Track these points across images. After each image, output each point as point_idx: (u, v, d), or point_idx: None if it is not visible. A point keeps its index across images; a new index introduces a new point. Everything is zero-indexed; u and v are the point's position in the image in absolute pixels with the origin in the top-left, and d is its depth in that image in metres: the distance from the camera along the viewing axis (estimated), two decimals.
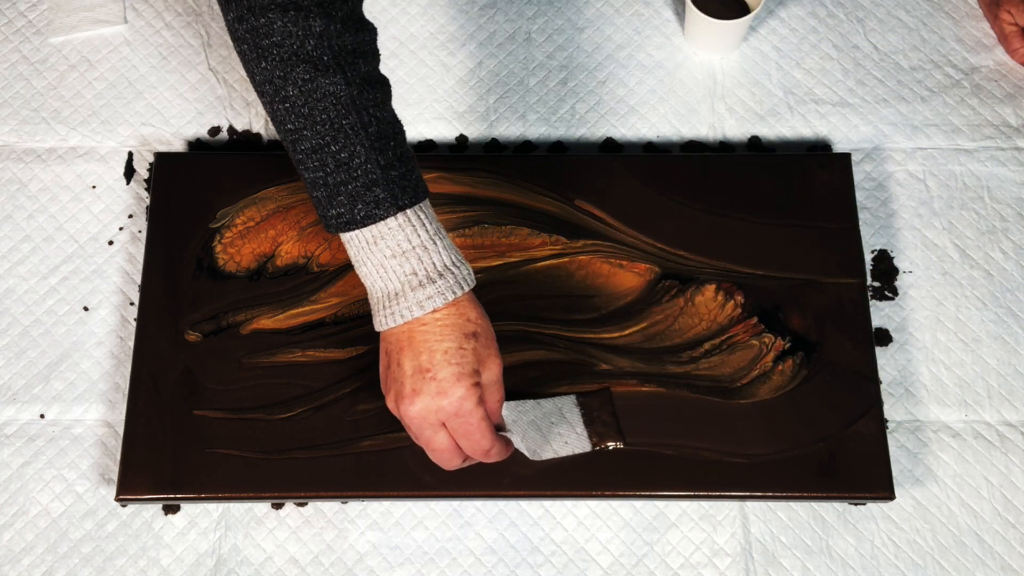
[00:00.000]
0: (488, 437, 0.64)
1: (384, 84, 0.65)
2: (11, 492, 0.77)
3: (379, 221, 0.61)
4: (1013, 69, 0.89)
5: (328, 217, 0.62)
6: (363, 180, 0.61)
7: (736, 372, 0.77)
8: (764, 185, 0.82)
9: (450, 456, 0.65)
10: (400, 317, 0.62)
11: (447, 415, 0.63)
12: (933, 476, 0.77)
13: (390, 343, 0.64)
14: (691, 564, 0.75)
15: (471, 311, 0.64)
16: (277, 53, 0.60)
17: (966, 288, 0.82)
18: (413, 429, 0.64)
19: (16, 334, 0.82)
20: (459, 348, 0.62)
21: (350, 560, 0.75)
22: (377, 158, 0.61)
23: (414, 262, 0.62)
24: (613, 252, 0.80)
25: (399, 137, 0.64)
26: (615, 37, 0.92)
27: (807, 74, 0.90)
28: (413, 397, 0.62)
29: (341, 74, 0.61)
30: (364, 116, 0.61)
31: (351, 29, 0.62)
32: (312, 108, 0.60)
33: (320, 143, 0.61)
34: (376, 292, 0.63)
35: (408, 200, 0.62)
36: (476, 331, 0.63)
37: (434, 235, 0.63)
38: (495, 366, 0.64)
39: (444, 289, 0.62)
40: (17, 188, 0.86)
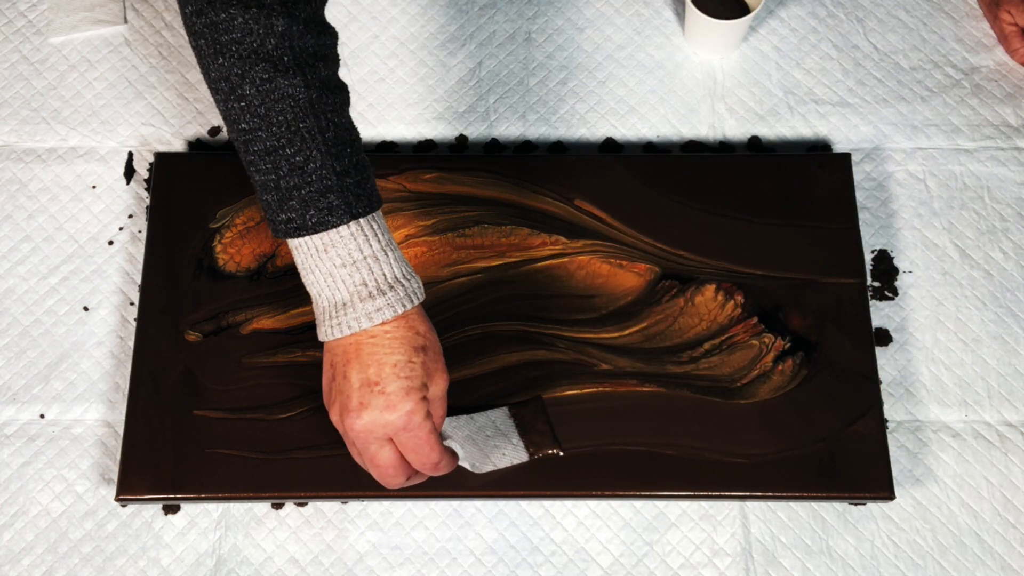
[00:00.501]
0: (436, 450, 0.63)
1: (343, 90, 0.63)
2: (11, 492, 0.77)
3: (331, 228, 0.60)
4: (1013, 69, 0.89)
5: (277, 222, 0.61)
6: (317, 185, 0.59)
7: (736, 372, 0.77)
8: (764, 185, 0.82)
9: (395, 472, 0.63)
10: (347, 328, 0.60)
11: (395, 429, 0.61)
12: (933, 476, 0.77)
13: (336, 355, 0.62)
14: (691, 564, 0.75)
15: (420, 325, 0.62)
16: (236, 50, 0.59)
17: (966, 288, 0.82)
18: (358, 444, 0.62)
19: (16, 334, 0.82)
20: (408, 361, 0.61)
21: (350, 560, 0.75)
22: (333, 164, 0.60)
23: (365, 272, 0.60)
24: (613, 252, 0.80)
25: (356, 144, 0.62)
26: (615, 37, 0.92)
27: (807, 74, 0.90)
28: (360, 411, 0.60)
29: (301, 76, 0.59)
30: (322, 120, 0.60)
31: (313, 31, 0.61)
32: (269, 109, 0.59)
33: (275, 145, 0.59)
34: (323, 302, 0.62)
35: (362, 208, 0.60)
36: (425, 345, 0.62)
37: (386, 246, 0.61)
38: (442, 381, 0.63)
39: (394, 301, 0.61)
40: (17, 188, 0.86)
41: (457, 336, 0.78)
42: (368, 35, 0.92)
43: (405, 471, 0.64)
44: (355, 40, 0.92)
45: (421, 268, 0.80)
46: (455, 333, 0.78)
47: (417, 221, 0.81)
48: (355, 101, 0.89)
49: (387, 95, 0.89)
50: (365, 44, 0.91)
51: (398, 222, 0.81)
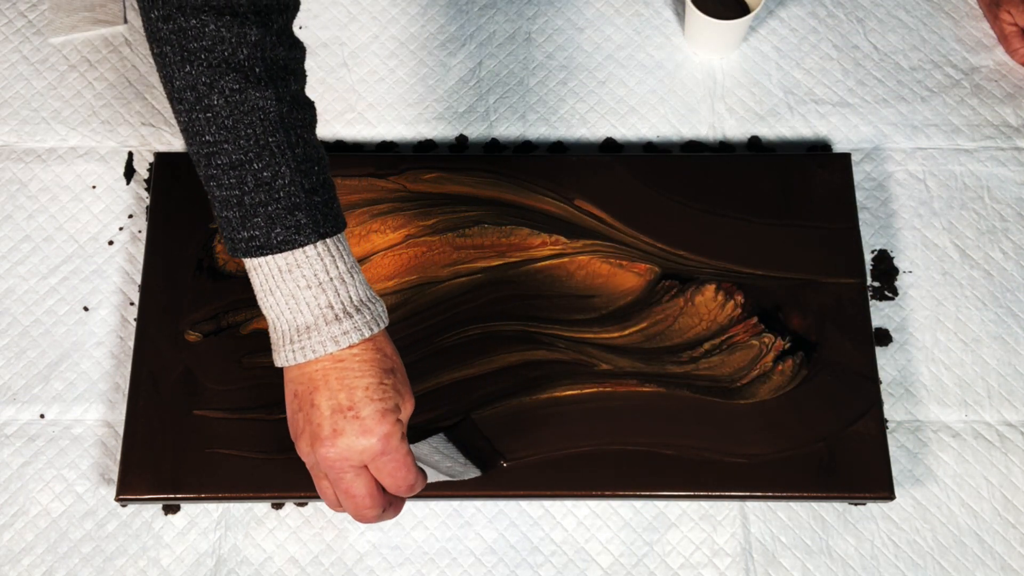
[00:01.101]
0: (413, 471, 0.60)
1: (311, 107, 0.61)
2: (11, 492, 0.77)
3: (297, 247, 0.57)
4: (1013, 69, 0.89)
5: (237, 240, 0.58)
6: (285, 203, 0.57)
7: (736, 372, 0.77)
8: (764, 185, 0.82)
9: (372, 503, 0.60)
10: (312, 352, 0.57)
11: (373, 455, 0.58)
12: (933, 476, 0.77)
13: (299, 383, 0.59)
14: (691, 564, 0.75)
15: (387, 347, 0.60)
16: (205, 58, 0.56)
17: (966, 288, 0.82)
18: (331, 476, 0.59)
19: (16, 334, 0.82)
20: (380, 384, 0.58)
21: (350, 560, 0.75)
22: (302, 181, 0.57)
23: (331, 294, 0.58)
24: (613, 252, 0.80)
25: (323, 163, 0.60)
26: (615, 37, 0.92)
27: (807, 74, 0.90)
28: (334, 438, 0.57)
29: (272, 89, 0.57)
30: (292, 136, 0.58)
31: (285, 44, 0.59)
32: (237, 121, 0.56)
33: (241, 159, 0.57)
34: (282, 325, 0.58)
35: (330, 228, 0.58)
36: (393, 367, 0.60)
37: (351, 268, 0.59)
38: (411, 406, 0.61)
39: (361, 324, 0.58)
40: (17, 188, 0.86)
41: (457, 336, 0.78)
42: (368, 35, 0.92)
43: (381, 501, 0.60)
44: (355, 40, 0.92)
45: (421, 268, 0.80)
46: (455, 333, 0.78)
47: (417, 221, 0.81)
48: (355, 101, 0.89)
49: (387, 95, 0.89)
50: (365, 44, 0.91)
51: (398, 222, 0.81)
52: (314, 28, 0.92)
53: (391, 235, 0.81)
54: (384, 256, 0.80)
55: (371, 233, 0.81)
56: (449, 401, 0.76)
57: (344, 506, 0.60)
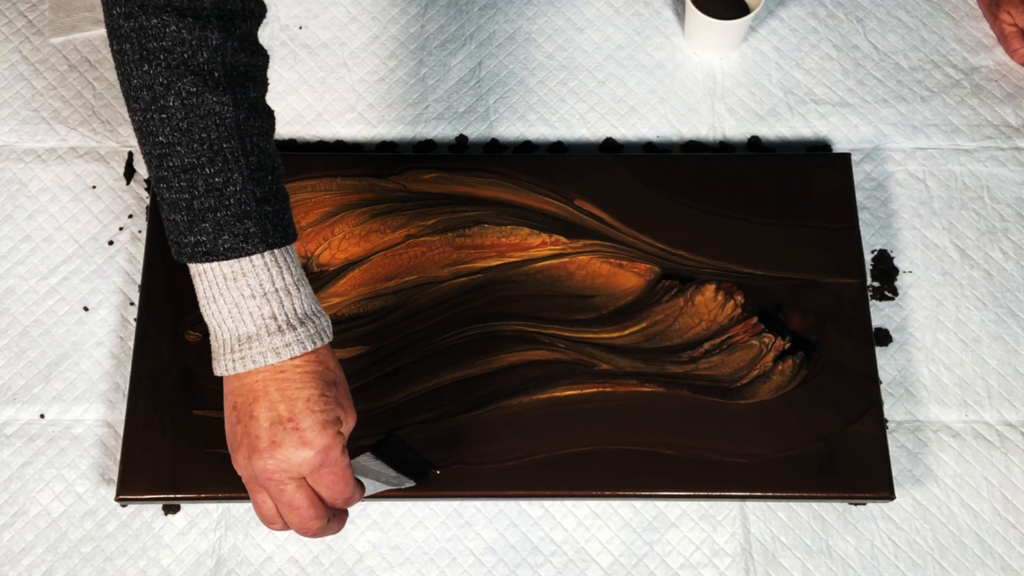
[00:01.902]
0: (351, 483, 0.59)
1: (270, 116, 0.61)
2: (11, 492, 0.77)
3: (244, 256, 0.56)
4: (1013, 69, 0.89)
5: (183, 244, 0.57)
6: (235, 210, 0.56)
7: (736, 372, 0.77)
8: (764, 185, 0.82)
9: (315, 514, 0.58)
10: (252, 363, 0.57)
11: (312, 467, 0.57)
12: (933, 476, 0.77)
13: (238, 394, 0.58)
14: (691, 564, 0.75)
15: (330, 361, 0.59)
16: (164, 59, 0.55)
17: (966, 288, 0.82)
18: (270, 489, 0.58)
19: (16, 334, 0.82)
20: (322, 395, 0.57)
21: (350, 560, 0.75)
22: (254, 189, 0.57)
23: (275, 305, 0.57)
24: (613, 252, 0.80)
25: (277, 173, 0.59)
26: (615, 37, 0.92)
27: (807, 74, 0.90)
28: (272, 450, 0.56)
29: (231, 94, 0.56)
30: (247, 143, 0.57)
31: (247, 50, 0.59)
32: (192, 124, 0.56)
33: (193, 163, 0.56)
34: (223, 334, 0.57)
35: (279, 239, 0.57)
36: (336, 380, 0.59)
37: (298, 280, 0.58)
38: (352, 420, 0.60)
39: (304, 337, 0.57)
40: (17, 188, 0.86)
41: (457, 336, 0.78)
42: (368, 35, 0.92)
43: (324, 513, 0.59)
44: (355, 40, 0.92)
45: (421, 268, 0.80)
46: (455, 333, 0.78)
47: (417, 221, 0.81)
48: (355, 101, 0.89)
49: (387, 95, 0.89)
50: (365, 44, 0.91)
51: (398, 222, 0.81)
52: (314, 28, 0.92)
53: (391, 235, 0.81)
54: (384, 256, 0.80)
55: (371, 233, 0.81)
56: (449, 401, 0.76)
57: (287, 519, 0.59)
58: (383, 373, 0.77)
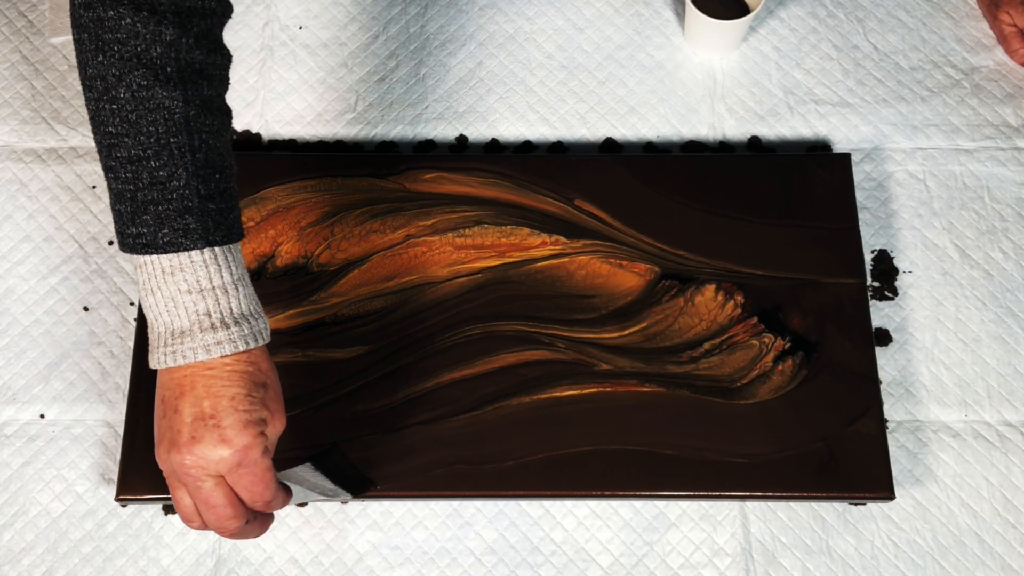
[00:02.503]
0: (272, 488, 0.59)
1: (226, 115, 0.61)
2: (11, 492, 0.77)
3: (182, 251, 0.57)
4: (1013, 69, 0.89)
5: (126, 235, 0.57)
6: (176, 205, 0.57)
7: (736, 372, 0.77)
8: (764, 185, 0.82)
9: (233, 513, 0.58)
10: (182, 358, 0.57)
11: (229, 466, 0.57)
12: (933, 476, 0.77)
13: (167, 388, 0.58)
14: (691, 564, 0.75)
15: (263, 362, 0.59)
16: (118, 51, 0.56)
17: (966, 288, 0.82)
18: (188, 484, 0.57)
19: (16, 334, 0.82)
20: (248, 395, 0.57)
21: (350, 560, 0.75)
22: (198, 186, 0.57)
23: (210, 302, 0.57)
24: (613, 252, 0.80)
25: (227, 172, 0.60)
26: (615, 37, 0.92)
27: (807, 74, 0.90)
28: (192, 445, 0.56)
29: (181, 90, 0.57)
30: (195, 140, 0.58)
31: (204, 48, 0.59)
32: (141, 117, 0.56)
33: (139, 155, 0.56)
34: (159, 327, 0.58)
35: (220, 237, 0.58)
36: (266, 382, 0.59)
37: (237, 280, 0.58)
38: (280, 423, 0.60)
39: (237, 337, 0.57)
40: (17, 188, 0.86)
41: (457, 336, 0.78)
42: (368, 35, 0.92)
43: (242, 513, 0.59)
44: (355, 40, 0.92)
45: (421, 268, 0.80)
46: (455, 333, 0.78)
47: (417, 221, 0.81)
48: (355, 101, 0.89)
49: (387, 95, 0.89)
50: (365, 44, 0.91)
51: (398, 222, 0.81)
52: (314, 28, 0.92)
53: (391, 235, 0.81)
54: (384, 256, 0.80)
55: (371, 233, 0.81)
56: (449, 401, 0.76)
57: (204, 517, 0.59)
58: (383, 373, 0.77)
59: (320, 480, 0.67)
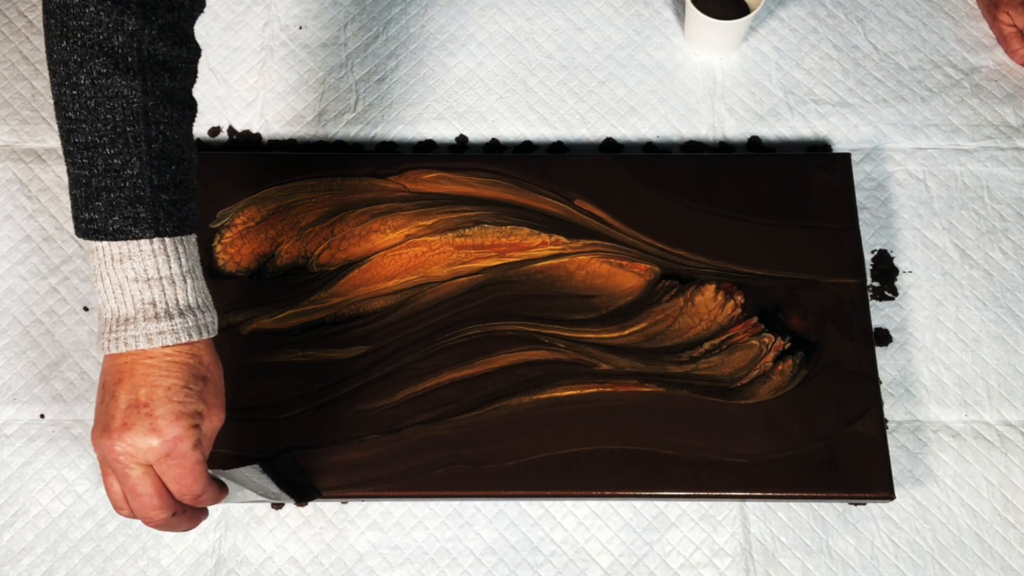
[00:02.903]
0: (201, 482, 0.59)
1: (189, 107, 0.62)
2: (11, 492, 0.77)
3: (132, 239, 0.57)
4: (1013, 69, 0.89)
5: (79, 219, 0.58)
6: (128, 193, 0.57)
7: (736, 372, 0.77)
8: (764, 185, 0.82)
9: (158, 504, 0.58)
10: (124, 345, 0.57)
11: (157, 456, 0.57)
12: (933, 476, 0.77)
13: (108, 373, 0.59)
14: (691, 564, 0.75)
15: (206, 356, 0.60)
16: (81, 37, 0.57)
17: (966, 288, 0.82)
18: (116, 470, 0.57)
19: (16, 334, 0.82)
20: (184, 387, 0.58)
21: (350, 560, 0.75)
22: (152, 176, 0.58)
23: (156, 292, 0.58)
24: (613, 252, 0.80)
25: (185, 165, 0.60)
26: (615, 37, 0.92)
27: (807, 74, 0.90)
28: (122, 432, 0.56)
29: (140, 80, 0.58)
30: (152, 130, 0.58)
31: (168, 40, 0.60)
32: (99, 104, 0.57)
33: (95, 141, 0.57)
34: (106, 313, 0.59)
35: (170, 228, 0.58)
36: (206, 376, 0.59)
37: (187, 272, 0.59)
38: (217, 419, 0.60)
39: (180, 328, 0.58)
40: (17, 188, 0.86)
41: (457, 336, 0.78)
42: (368, 35, 0.92)
43: (169, 503, 0.59)
44: (355, 40, 0.92)
45: (421, 268, 0.80)
46: (455, 333, 0.78)
47: (417, 221, 0.81)
48: (355, 101, 0.89)
49: (387, 95, 0.89)
50: (365, 44, 0.91)
51: (398, 222, 0.81)
52: (314, 28, 0.92)
53: (391, 235, 0.81)
54: (384, 256, 0.80)
55: (371, 233, 0.81)
56: (449, 401, 0.76)
57: (130, 505, 0.59)
58: (383, 373, 0.77)
59: (265, 483, 0.68)
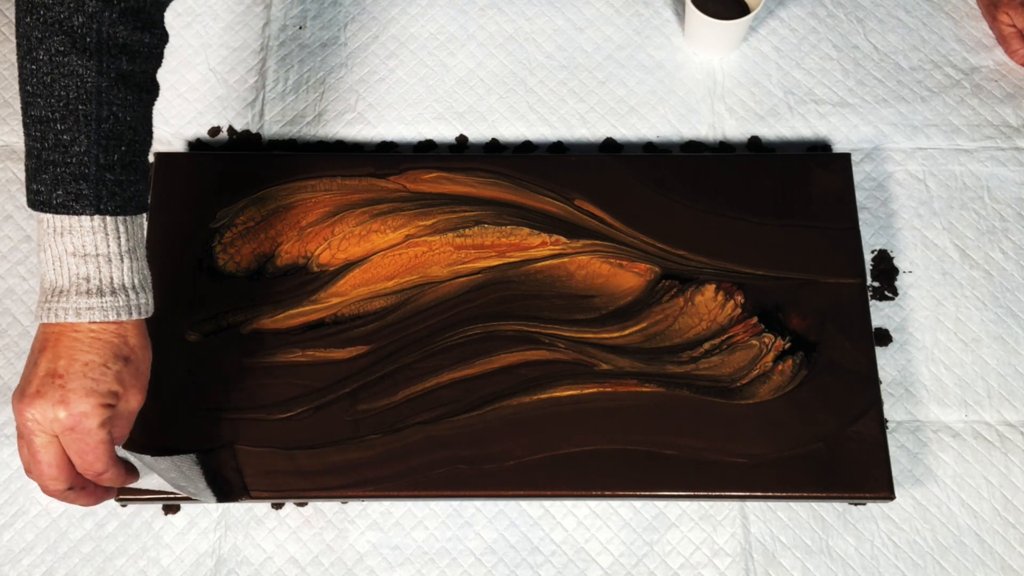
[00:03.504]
0: (103, 460, 0.60)
1: (147, 91, 0.64)
2: (11, 492, 0.77)
3: (73, 214, 0.60)
4: (1013, 69, 0.89)
5: (29, 190, 0.61)
6: (73, 169, 0.59)
7: (736, 372, 0.77)
8: (764, 185, 0.82)
9: (56, 474, 0.60)
10: (55, 316, 0.60)
11: (63, 428, 0.59)
12: (933, 476, 0.77)
13: (37, 340, 0.61)
14: (691, 564, 0.75)
15: (133, 338, 0.62)
16: (43, 15, 0.59)
17: (966, 288, 0.82)
18: (24, 435, 0.60)
19: (16, 334, 0.82)
20: (102, 365, 0.60)
21: (350, 560, 0.75)
22: (98, 155, 0.60)
23: (92, 268, 0.60)
24: (613, 252, 0.80)
25: (136, 147, 0.62)
26: (615, 37, 0.92)
27: (807, 74, 0.90)
28: (33, 399, 0.59)
29: (96, 61, 0.60)
30: (104, 110, 0.60)
31: (129, 25, 0.61)
32: (54, 80, 0.59)
33: (48, 116, 0.60)
34: (45, 283, 0.61)
35: (112, 207, 0.60)
36: (129, 357, 0.61)
37: (126, 252, 0.61)
38: (135, 400, 0.62)
39: (109, 306, 0.60)
40: (17, 188, 0.86)
41: (457, 336, 0.78)
42: (368, 35, 0.92)
43: (67, 476, 0.60)
44: (355, 40, 0.92)
45: (421, 268, 0.80)
46: (455, 333, 0.78)
47: (417, 221, 0.81)
48: (355, 101, 0.89)
49: (387, 95, 0.89)
50: (365, 44, 0.91)
51: (398, 222, 0.81)
52: (314, 28, 0.92)
53: (391, 235, 0.81)
54: (384, 256, 0.80)
55: (371, 233, 0.81)
56: (449, 401, 0.76)
57: (32, 471, 0.61)
58: (383, 373, 0.77)
59: (195, 475, 0.68)
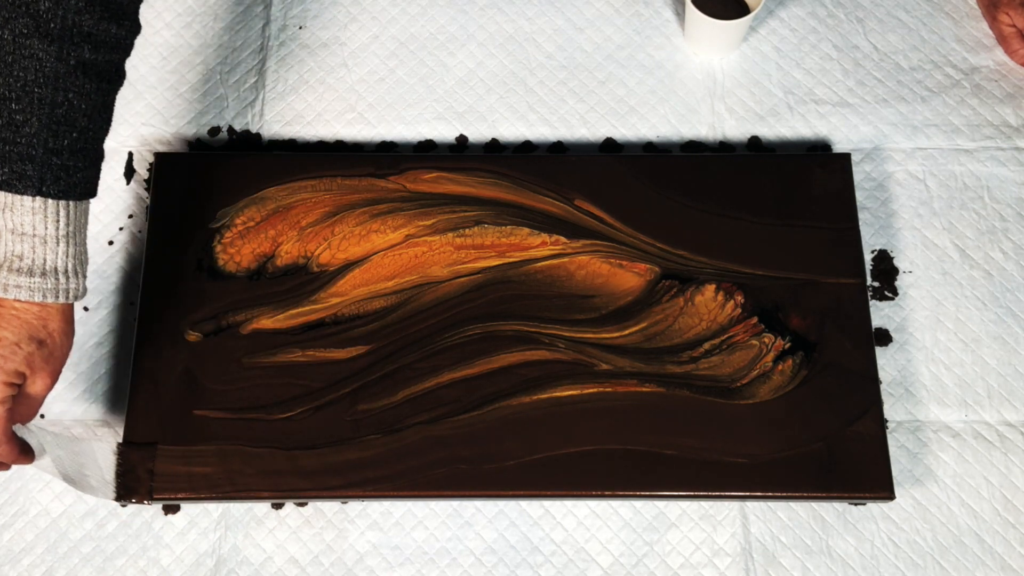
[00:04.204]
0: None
1: (108, 81, 0.65)
2: (11, 492, 0.77)
3: (15, 193, 0.61)
4: (1013, 69, 0.89)
5: None
6: (21, 149, 0.61)
7: (736, 372, 0.77)
8: (764, 185, 0.82)
9: None
10: None
11: None
12: (933, 476, 0.77)
13: None
14: (691, 564, 0.75)
15: (54, 322, 0.63)
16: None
17: (966, 288, 0.82)
18: None
19: None
20: (15, 344, 0.62)
21: (350, 560, 0.75)
22: (47, 138, 0.61)
23: (26, 247, 0.61)
24: (613, 252, 0.80)
25: (89, 134, 0.64)
26: (615, 37, 0.92)
27: (807, 74, 0.90)
28: None
29: (58, 47, 0.61)
30: (59, 96, 0.61)
31: (96, 14, 0.62)
32: (15, 60, 0.60)
33: (6, 95, 0.61)
34: None
35: (55, 191, 0.62)
36: (45, 340, 0.63)
37: (63, 236, 0.62)
38: (43, 383, 0.64)
39: (36, 287, 0.62)
40: None
41: (457, 336, 0.78)
42: (368, 35, 0.92)
43: None
44: (355, 40, 0.92)
45: (421, 268, 0.80)
46: (455, 333, 0.78)
47: (417, 221, 0.81)
48: (355, 101, 0.89)
49: (387, 95, 0.89)
50: (365, 44, 0.91)
51: (398, 222, 0.81)
52: (314, 28, 0.92)
53: (391, 235, 0.81)
54: (384, 256, 0.80)
55: (371, 233, 0.81)
56: (449, 401, 0.76)
57: None
58: (383, 373, 0.77)
59: (105, 465, 0.69)
